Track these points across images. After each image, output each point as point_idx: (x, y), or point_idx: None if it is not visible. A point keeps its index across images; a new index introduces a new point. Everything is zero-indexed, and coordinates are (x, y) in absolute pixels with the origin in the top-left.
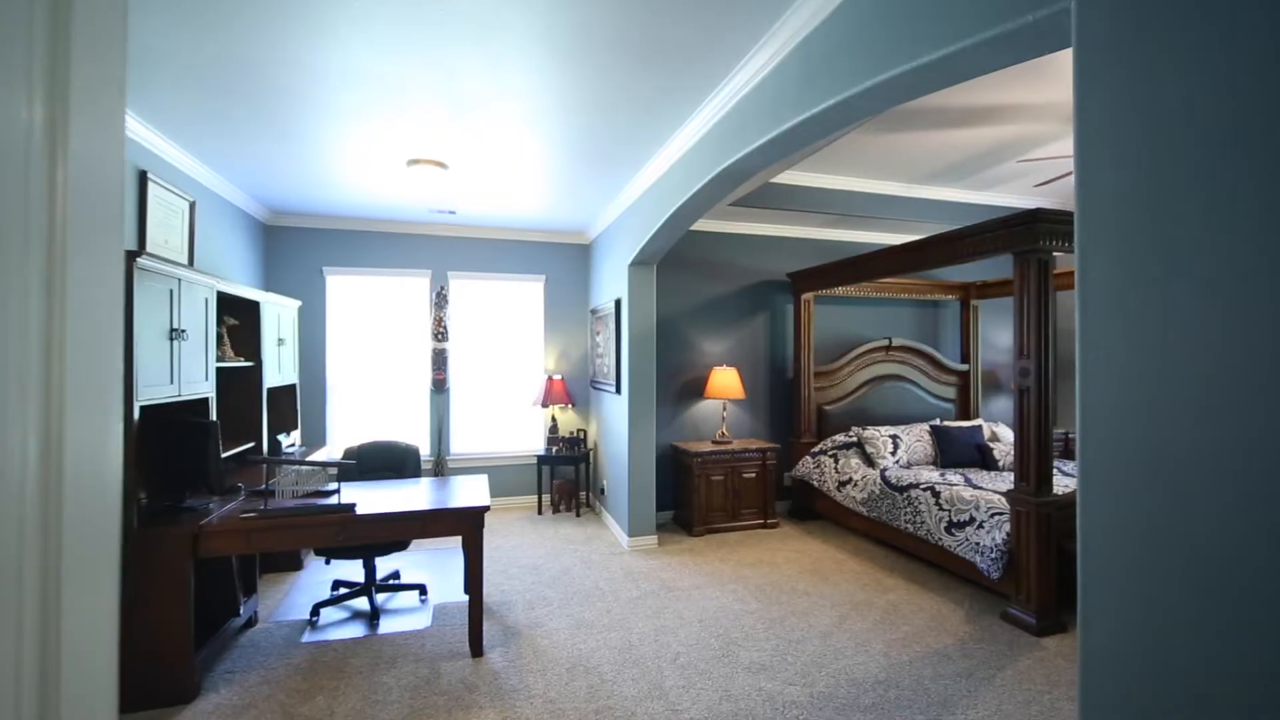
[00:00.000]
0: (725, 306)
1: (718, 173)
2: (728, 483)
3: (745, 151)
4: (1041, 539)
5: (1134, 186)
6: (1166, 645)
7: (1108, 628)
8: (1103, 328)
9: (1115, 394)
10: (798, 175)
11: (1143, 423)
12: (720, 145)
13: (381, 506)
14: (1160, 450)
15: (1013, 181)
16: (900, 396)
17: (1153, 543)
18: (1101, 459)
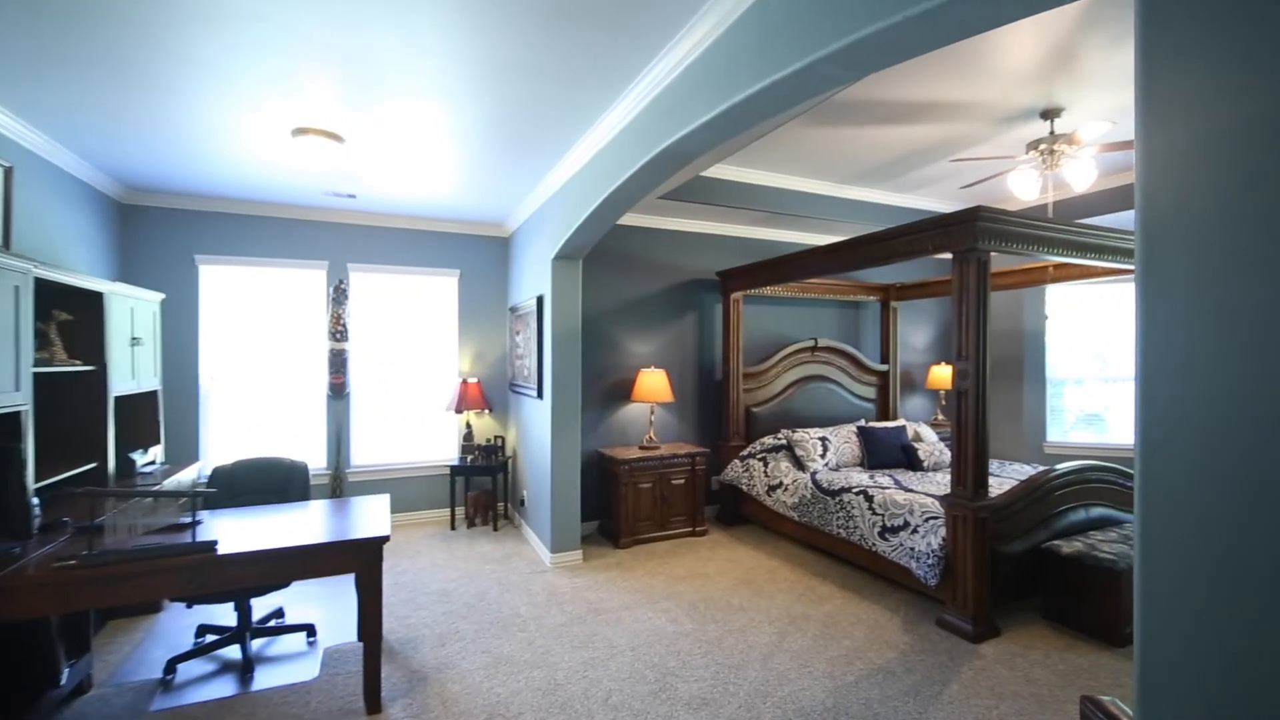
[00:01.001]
0: (654, 305)
1: (656, 154)
2: (656, 490)
3: (690, 128)
4: (977, 544)
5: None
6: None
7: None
8: (1176, 330)
9: (1189, 400)
10: (729, 170)
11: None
12: (661, 121)
13: (253, 541)
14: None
15: (939, 184)
16: (825, 397)
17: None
18: (1169, 475)
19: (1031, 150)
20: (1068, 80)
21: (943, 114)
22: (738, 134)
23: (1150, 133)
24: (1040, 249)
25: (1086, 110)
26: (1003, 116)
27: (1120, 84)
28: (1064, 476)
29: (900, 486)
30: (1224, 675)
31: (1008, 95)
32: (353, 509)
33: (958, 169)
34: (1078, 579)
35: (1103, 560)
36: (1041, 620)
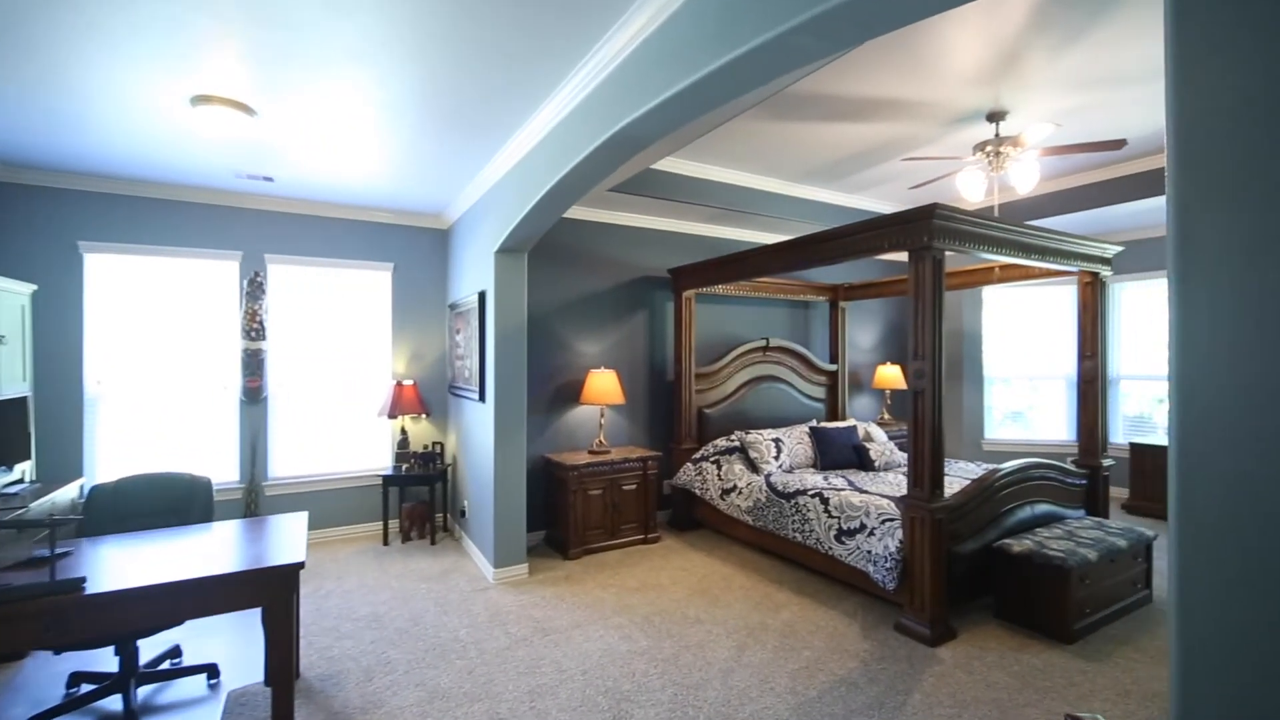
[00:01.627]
0: (604, 303)
1: (608, 138)
2: (607, 497)
3: (646, 109)
4: (935, 546)
5: None
6: None
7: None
8: (1218, 319)
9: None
10: (680, 163)
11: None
12: (614, 101)
13: (136, 575)
14: None
15: (887, 185)
16: (777, 397)
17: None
18: (1207, 481)
19: (978, 152)
20: (1013, 83)
21: (892, 112)
22: (696, 117)
23: (1183, 92)
24: (991, 249)
25: (1031, 113)
26: (950, 118)
27: (1064, 88)
28: (1010, 475)
29: (855, 488)
30: (1270, 685)
31: (955, 96)
32: (263, 531)
33: (906, 170)
34: (1028, 577)
35: (1052, 558)
36: (994, 619)
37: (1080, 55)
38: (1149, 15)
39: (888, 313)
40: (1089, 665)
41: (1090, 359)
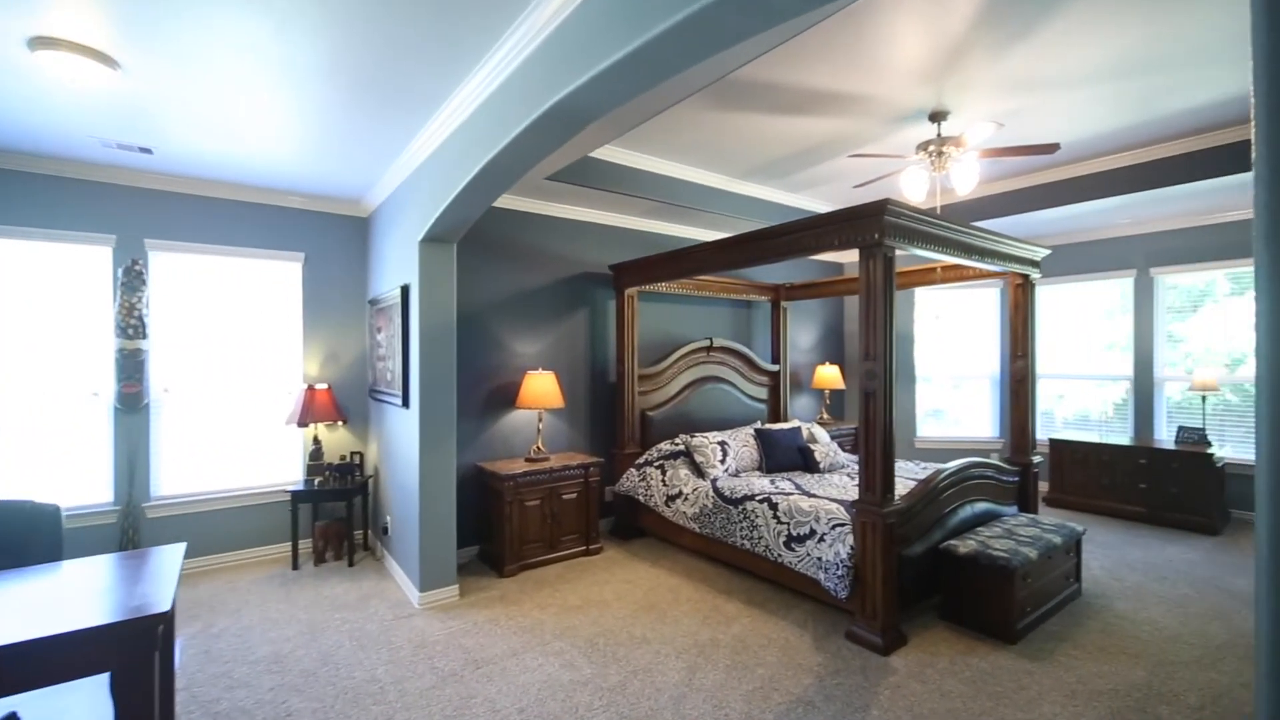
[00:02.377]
0: (542, 300)
1: (545, 111)
2: (545, 507)
3: (587, 77)
4: (887, 551)
5: None
6: None
7: None
8: None
9: None
10: (622, 153)
11: None
12: (552, 69)
13: None
14: None
15: (831, 184)
16: (721, 399)
17: None
18: None
19: (920, 151)
20: (954, 83)
21: (837, 107)
22: (644, 88)
23: None
24: (937, 248)
25: (971, 114)
26: (893, 116)
27: (1003, 90)
28: (953, 475)
29: (803, 492)
30: None
31: (898, 93)
32: (126, 570)
33: (850, 169)
34: (974, 578)
35: (997, 559)
36: (939, 621)
37: (1019, 58)
38: (1087, 20)
39: (826, 313)
40: (1034, 666)
41: (1021, 359)
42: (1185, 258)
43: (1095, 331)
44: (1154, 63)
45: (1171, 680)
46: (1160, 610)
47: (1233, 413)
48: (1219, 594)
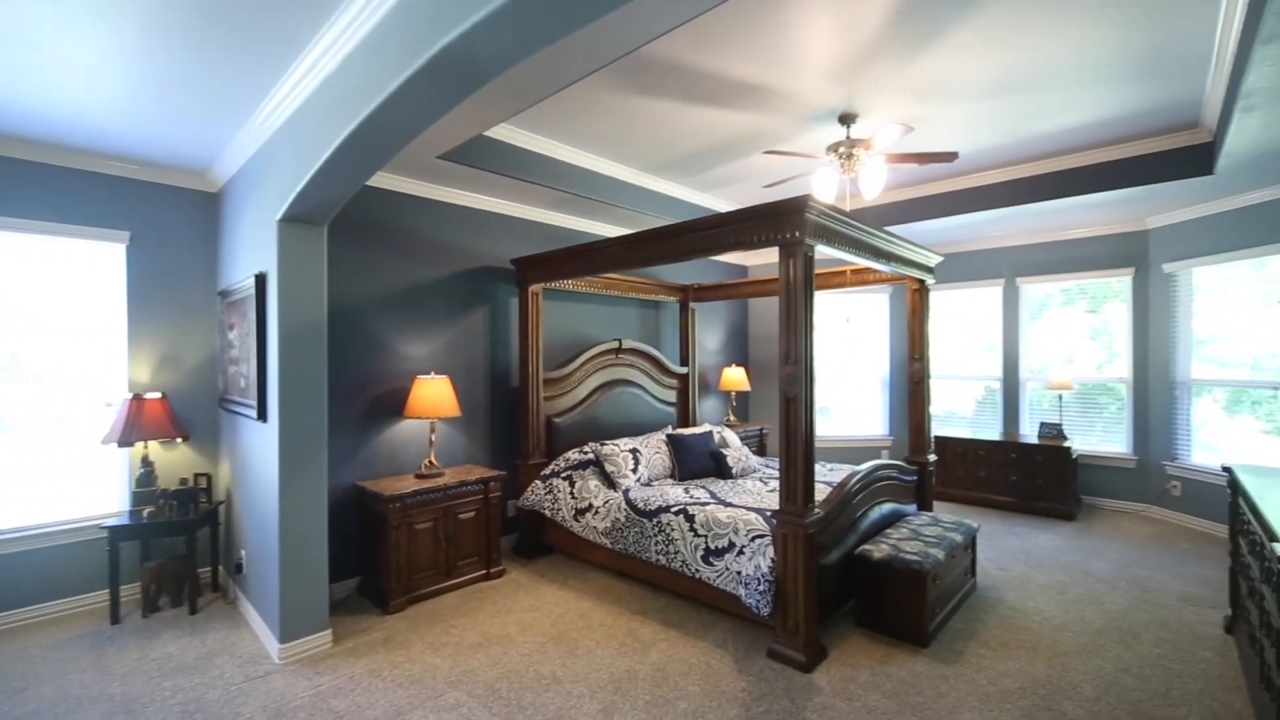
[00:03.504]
0: (435, 297)
1: (433, 57)
2: (439, 529)
3: (488, 11)
4: (808, 563)
5: None
6: None
7: None
8: None
9: None
10: (525, 136)
11: None
12: (443, 2)
13: None
14: None
15: (742, 184)
16: (630, 403)
17: None
18: None
19: (830, 152)
20: (864, 85)
21: (750, 101)
22: (550, 36)
23: None
24: (853, 250)
25: (879, 118)
26: (805, 115)
27: (910, 96)
28: (863, 478)
29: (719, 501)
30: None
31: (810, 91)
32: None
33: (760, 169)
34: (888, 583)
35: (910, 563)
36: (855, 628)
37: (924, 66)
38: (989, 33)
39: (731, 315)
40: (948, 670)
41: (918, 361)
42: (1041, 269)
43: (973, 335)
44: (1029, 83)
45: (1067, 672)
46: (1044, 599)
47: (1080, 408)
48: (1087, 579)
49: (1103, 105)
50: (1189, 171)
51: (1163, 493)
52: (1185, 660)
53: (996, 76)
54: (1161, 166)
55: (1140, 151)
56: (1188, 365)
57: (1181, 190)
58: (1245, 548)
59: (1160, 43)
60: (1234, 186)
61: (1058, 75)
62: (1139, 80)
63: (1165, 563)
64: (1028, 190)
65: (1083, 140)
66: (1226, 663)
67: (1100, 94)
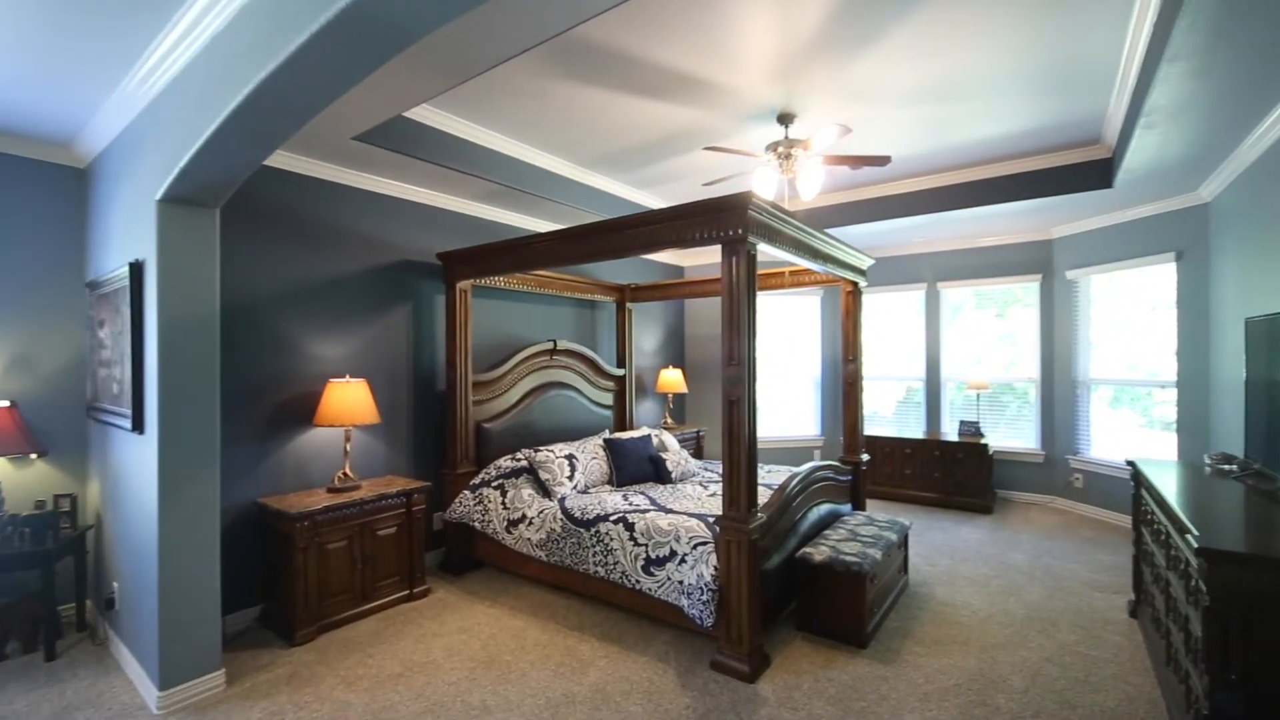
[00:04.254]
0: (351, 292)
1: (344, 8)
2: (354, 548)
3: None
4: (752, 570)
5: None
6: None
7: None
8: None
9: None
10: (454, 122)
11: None
12: None
13: None
14: None
15: (680, 182)
16: (565, 407)
17: None
18: None
19: (769, 152)
20: (803, 84)
21: (689, 94)
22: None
23: None
24: (794, 250)
25: (817, 119)
26: (744, 113)
27: (848, 99)
28: (803, 480)
29: (659, 507)
30: None
31: (750, 88)
32: None
33: (699, 167)
34: (829, 585)
35: (850, 565)
36: (796, 633)
37: (862, 68)
38: (919, 40)
39: (668, 315)
40: (887, 670)
41: (852, 363)
42: (960, 275)
43: (896, 337)
44: (953, 92)
45: (997, 665)
46: (970, 592)
47: (994, 407)
48: (1007, 570)
49: (1018, 118)
50: (1090, 185)
51: (1067, 485)
52: (1099, 645)
53: (925, 83)
54: (1066, 180)
55: (1048, 165)
56: (1087, 366)
57: (1082, 203)
58: (1148, 537)
59: (1071, 59)
60: (1125, 201)
61: (979, 86)
62: (1050, 95)
63: (1072, 551)
64: (949, 198)
65: (999, 152)
66: (1134, 646)
67: (1016, 106)
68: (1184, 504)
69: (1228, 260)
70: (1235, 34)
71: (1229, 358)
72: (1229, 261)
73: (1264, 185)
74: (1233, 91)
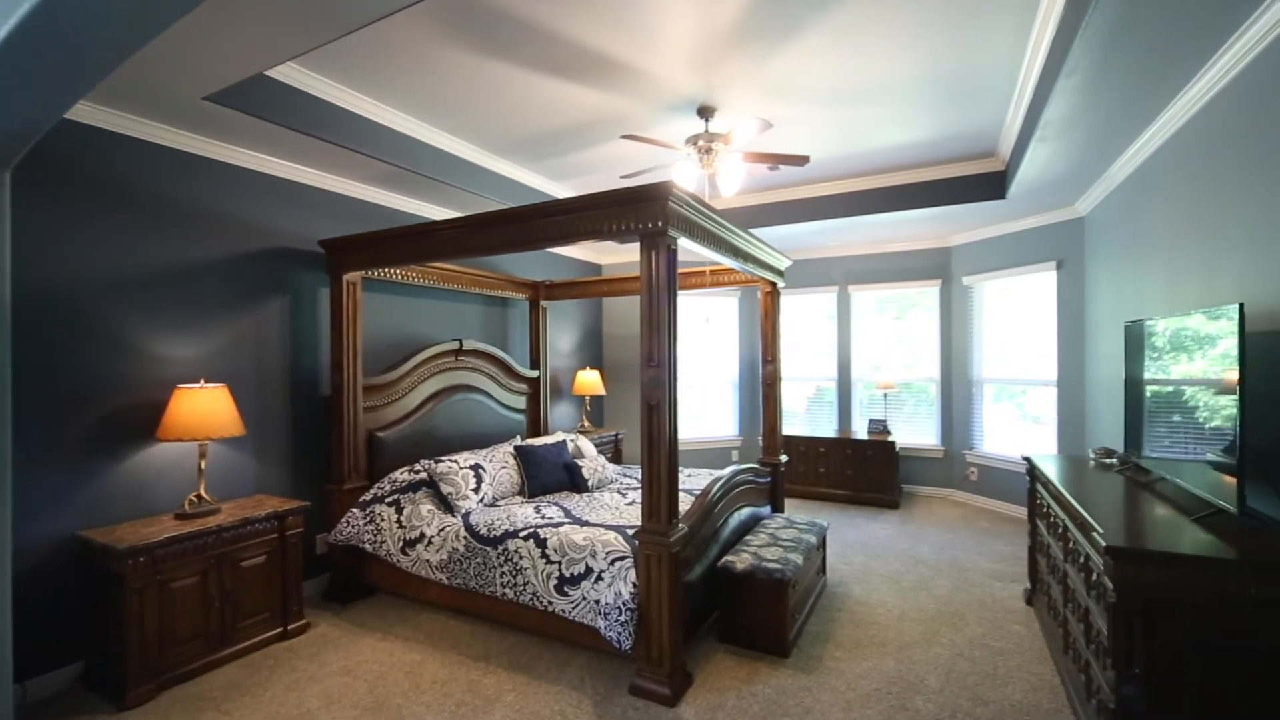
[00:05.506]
0: (209, 282)
1: None
2: (210, 585)
3: None
4: (673, 586)
5: None
6: None
7: None
8: None
9: None
10: (340, 91)
11: None
12: None
13: None
14: None
15: (596, 175)
16: (473, 412)
17: None
18: None
19: (689, 145)
20: (723, 75)
21: (606, 77)
22: None
23: None
24: (715, 247)
25: (737, 113)
26: (664, 103)
27: (768, 94)
28: (725, 484)
29: (574, 519)
30: None
31: (670, 75)
32: None
33: (615, 159)
34: (751, 594)
35: (773, 572)
36: (719, 646)
37: (781, 62)
38: (836, 37)
39: (585, 315)
40: (811, 680)
41: (771, 363)
42: (868, 278)
43: (808, 338)
44: (866, 94)
45: (913, 665)
46: (885, 590)
47: (900, 405)
48: (917, 565)
49: (925, 127)
50: (986, 196)
51: (964, 478)
52: (1002, 636)
53: (840, 84)
54: (965, 190)
55: (950, 175)
56: (980, 366)
57: (978, 212)
58: (1044, 530)
59: (974, 70)
60: (1015, 213)
61: (888, 90)
62: (954, 105)
63: (973, 543)
64: (860, 204)
65: (906, 160)
66: (1033, 634)
67: (922, 115)
68: (1083, 501)
69: (1101, 269)
70: (1124, 51)
71: (1103, 359)
72: (1102, 270)
73: (1131, 202)
74: (1113, 111)
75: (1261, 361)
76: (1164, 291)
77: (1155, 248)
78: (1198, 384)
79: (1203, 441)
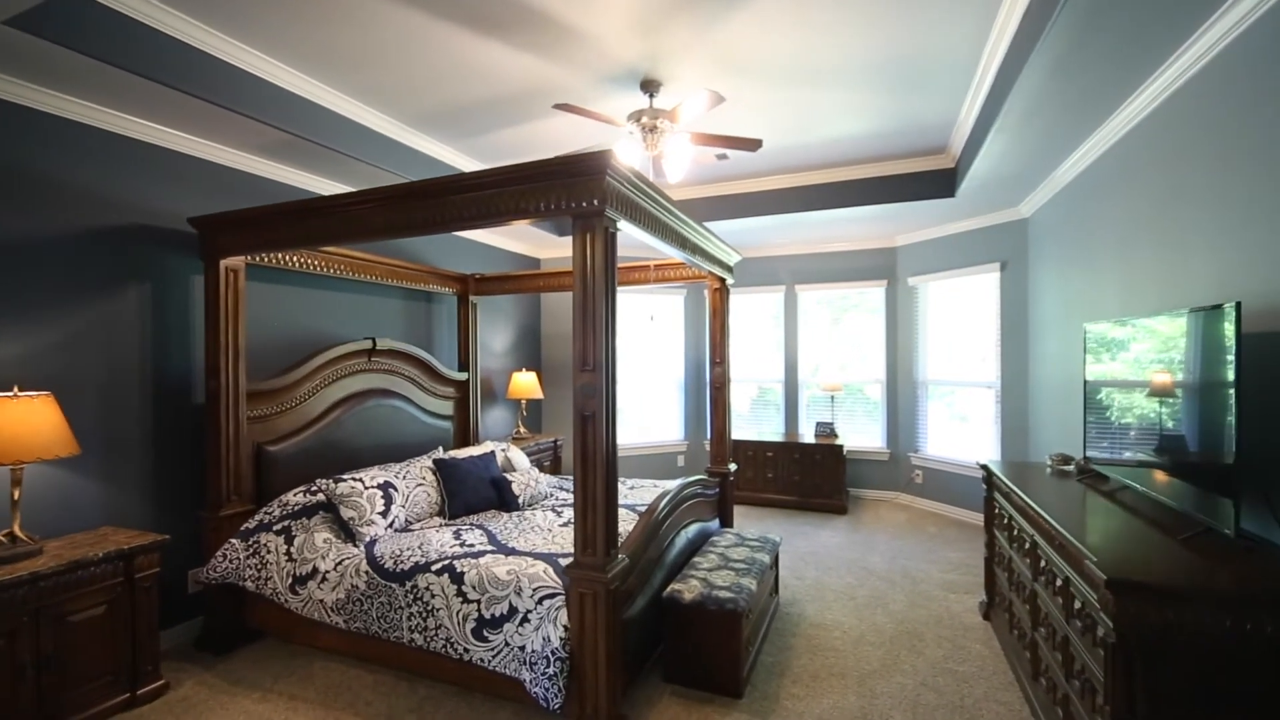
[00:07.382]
0: (36, 266)
1: None
2: (20, 649)
3: None
4: (611, 627)
5: None
6: None
7: None
8: None
9: None
10: (219, 40)
11: None
12: None
13: None
14: None
15: (526, 154)
16: (389, 420)
17: None
18: None
19: (632, 121)
20: (668, 47)
21: (540, 37)
22: None
23: None
24: (659, 235)
25: (685, 88)
26: (605, 73)
27: (717, 67)
28: (671, 501)
29: (499, 547)
30: None
31: (611, 39)
32: None
33: (549, 138)
34: (701, 627)
35: (725, 601)
36: (664, 685)
37: (730, 30)
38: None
39: (520, 312)
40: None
41: (719, 365)
42: (815, 278)
43: (754, 338)
44: (818, 75)
45: (877, 699)
46: (839, 608)
47: (846, 408)
48: (870, 577)
49: (878, 116)
50: (936, 193)
51: (909, 481)
52: (965, 658)
53: (792, 61)
54: (915, 186)
55: (900, 171)
56: (925, 367)
57: (924, 212)
58: (1004, 541)
59: (932, 53)
60: (960, 213)
61: (842, 72)
62: (909, 92)
63: (922, 550)
64: (809, 198)
65: (857, 153)
66: (994, 655)
67: (875, 103)
68: (1063, 521)
69: (1045, 271)
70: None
71: (1048, 361)
72: (1045, 272)
73: (1074, 205)
74: (1070, 105)
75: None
76: (1119, 293)
77: (1106, 249)
78: (1155, 390)
79: (1164, 448)
